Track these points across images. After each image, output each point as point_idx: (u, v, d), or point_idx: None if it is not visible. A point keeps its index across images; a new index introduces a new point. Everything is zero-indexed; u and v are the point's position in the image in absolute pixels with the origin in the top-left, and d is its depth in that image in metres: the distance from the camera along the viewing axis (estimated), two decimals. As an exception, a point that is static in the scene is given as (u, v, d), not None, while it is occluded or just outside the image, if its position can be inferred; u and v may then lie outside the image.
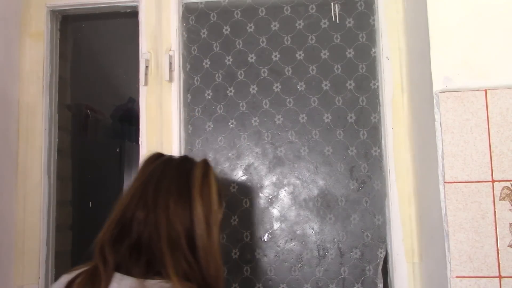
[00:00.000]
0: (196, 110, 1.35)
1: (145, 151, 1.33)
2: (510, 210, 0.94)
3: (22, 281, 1.31)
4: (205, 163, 0.90)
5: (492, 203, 0.95)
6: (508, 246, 0.93)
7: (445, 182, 0.96)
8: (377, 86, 1.29)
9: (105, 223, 0.85)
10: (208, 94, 1.35)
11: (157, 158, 0.93)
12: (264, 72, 1.33)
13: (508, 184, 0.95)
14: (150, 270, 0.78)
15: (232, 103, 1.33)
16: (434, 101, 0.98)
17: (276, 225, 1.28)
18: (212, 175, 0.88)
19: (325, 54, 1.32)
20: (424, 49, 1.04)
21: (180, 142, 1.32)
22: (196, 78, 1.36)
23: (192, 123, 1.35)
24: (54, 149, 1.40)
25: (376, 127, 1.29)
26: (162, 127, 1.33)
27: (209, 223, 0.83)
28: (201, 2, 1.38)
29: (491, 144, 0.96)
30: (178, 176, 0.86)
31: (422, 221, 1.16)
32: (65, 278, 0.84)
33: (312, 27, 1.33)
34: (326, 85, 1.31)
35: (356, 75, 1.31)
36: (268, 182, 1.30)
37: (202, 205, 0.83)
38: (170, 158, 0.93)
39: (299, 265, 1.26)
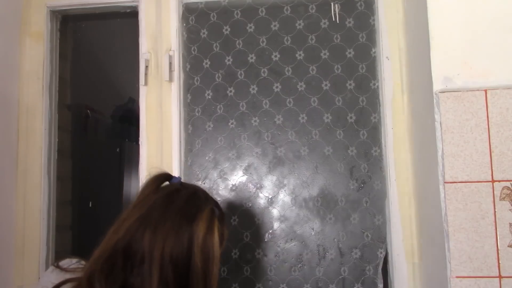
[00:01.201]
0: (196, 110, 1.35)
1: (145, 151, 1.33)
2: (510, 210, 0.94)
3: (22, 281, 1.31)
4: (211, 215, 0.82)
5: (492, 203, 0.95)
6: (508, 246, 0.93)
7: (445, 182, 0.96)
8: (377, 86, 1.29)
9: (96, 249, 0.80)
10: (208, 94, 1.35)
11: (160, 187, 0.86)
12: (264, 72, 1.33)
13: (508, 184, 0.95)
14: None
15: (232, 103, 1.33)
16: (434, 101, 0.98)
17: (276, 225, 1.28)
18: (217, 228, 0.81)
19: (325, 54, 1.32)
20: (424, 49, 1.04)
21: (180, 142, 1.32)
22: (196, 78, 1.36)
23: (192, 123, 1.35)
24: (54, 149, 1.40)
25: (376, 127, 1.29)
26: (162, 127, 1.33)
27: (208, 276, 0.78)
28: (201, 2, 1.38)
29: (491, 144, 0.96)
30: (179, 223, 0.79)
31: (422, 221, 1.16)
32: (55, 273, 0.81)
33: (312, 27, 1.33)
34: (326, 85, 1.31)
35: (356, 75, 1.31)
36: (268, 182, 1.30)
37: (202, 260, 0.78)
38: (175, 194, 0.84)
39: (299, 265, 1.26)
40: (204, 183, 1.32)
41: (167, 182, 0.89)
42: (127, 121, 2.38)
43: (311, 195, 1.28)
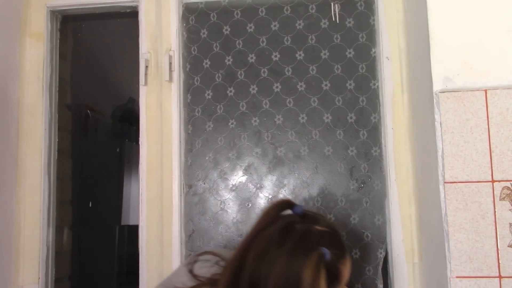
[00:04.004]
0: (196, 110, 1.35)
1: (145, 151, 1.33)
2: (510, 210, 0.94)
3: (22, 281, 1.31)
4: (318, 260, 0.81)
5: (492, 203, 0.95)
6: (508, 246, 0.93)
7: (445, 182, 0.96)
8: (377, 86, 1.29)
9: (224, 271, 0.87)
10: (208, 94, 1.35)
11: (280, 215, 0.89)
12: (264, 72, 1.33)
13: (508, 184, 0.95)
14: None
15: (232, 103, 1.33)
16: (434, 101, 0.98)
17: (276, 225, 1.28)
18: (323, 274, 0.81)
19: (325, 54, 1.32)
20: (424, 49, 1.04)
21: (180, 142, 1.32)
22: (196, 78, 1.36)
23: (192, 123, 1.35)
24: (54, 149, 1.40)
25: (376, 127, 1.29)
26: (162, 127, 1.33)
27: None
28: (201, 2, 1.38)
29: (491, 144, 0.96)
30: (288, 267, 0.81)
31: (422, 221, 1.16)
32: (187, 277, 0.91)
33: (312, 27, 1.33)
34: (326, 85, 1.31)
35: (356, 75, 1.31)
36: (268, 182, 1.30)
37: None
38: (289, 231, 0.86)
39: (299, 265, 1.25)
40: (204, 183, 1.32)
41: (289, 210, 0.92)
42: (127, 121, 2.38)
43: (311, 195, 1.28)
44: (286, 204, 0.91)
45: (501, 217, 0.94)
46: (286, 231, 0.85)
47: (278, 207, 0.90)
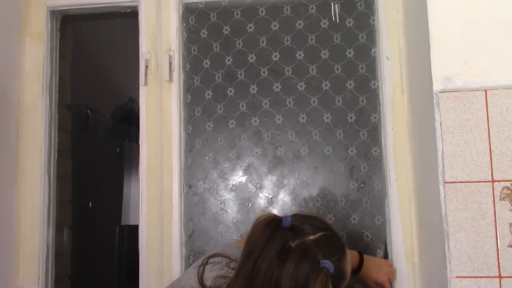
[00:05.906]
0: (196, 110, 1.35)
1: (145, 151, 1.33)
2: (510, 210, 0.94)
3: (22, 281, 1.31)
4: (325, 280, 0.79)
5: (492, 203, 0.95)
6: (508, 246, 0.93)
7: (445, 182, 0.96)
8: (377, 86, 1.29)
9: None
10: (208, 94, 1.35)
11: (272, 236, 0.84)
12: (264, 72, 1.33)
13: (508, 184, 0.95)
14: None
15: (232, 103, 1.33)
16: (434, 101, 0.98)
17: (276, 225, 1.28)
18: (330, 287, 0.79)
19: (325, 54, 1.32)
20: (424, 49, 1.04)
21: (180, 142, 1.32)
22: (196, 78, 1.36)
23: (192, 123, 1.35)
24: (54, 149, 1.40)
25: (376, 127, 1.29)
26: (162, 127, 1.33)
27: None
28: (201, 2, 1.38)
29: (491, 144, 0.96)
30: None
31: (422, 221, 1.16)
32: (196, 280, 0.91)
33: (312, 27, 1.33)
34: (326, 85, 1.31)
35: (356, 75, 1.31)
36: (268, 182, 1.30)
37: None
38: (287, 254, 0.82)
39: (299, 265, 1.25)
40: (204, 183, 1.32)
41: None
42: (127, 121, 2.39)
43: (311, 195, 1.28)
44: (274, 221, 0.86)
45: (501, 217, 0.94)
46: (284, 254, 0.81)
47: (267, 228, 0.85)
